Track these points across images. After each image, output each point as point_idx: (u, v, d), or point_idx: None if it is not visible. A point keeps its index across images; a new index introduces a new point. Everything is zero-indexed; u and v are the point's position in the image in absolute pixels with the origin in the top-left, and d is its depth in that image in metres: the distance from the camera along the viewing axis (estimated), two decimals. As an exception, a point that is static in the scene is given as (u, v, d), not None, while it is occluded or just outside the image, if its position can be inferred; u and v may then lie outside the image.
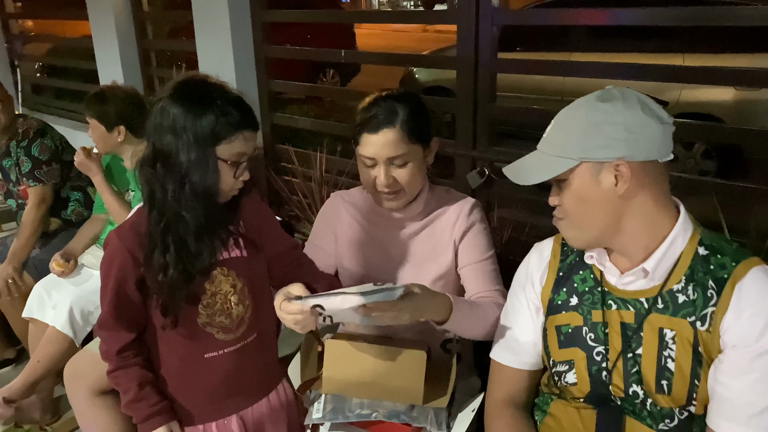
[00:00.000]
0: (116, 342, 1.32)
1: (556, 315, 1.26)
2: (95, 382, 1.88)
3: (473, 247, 1.56)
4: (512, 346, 1.33)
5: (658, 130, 1.08)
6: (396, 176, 1.49)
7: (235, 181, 1.28)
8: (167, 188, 1.23)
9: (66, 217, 2.72)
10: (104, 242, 1.32)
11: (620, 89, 1.13)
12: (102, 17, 3.94)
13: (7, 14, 5.38)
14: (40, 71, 6.41)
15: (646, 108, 1.08)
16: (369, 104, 1.50)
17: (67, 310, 2.21)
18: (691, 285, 1.11)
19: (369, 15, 5.62)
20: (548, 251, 1.31)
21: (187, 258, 1.26)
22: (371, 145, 1.47)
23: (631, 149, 1.07)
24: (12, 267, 2.46)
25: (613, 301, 1.18)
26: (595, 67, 2.23)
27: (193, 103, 1.21)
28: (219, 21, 3.06)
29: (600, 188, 1.10)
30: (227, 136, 1.23)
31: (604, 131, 1.08)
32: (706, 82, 3.58)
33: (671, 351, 1.12)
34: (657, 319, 1.13)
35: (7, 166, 2.66)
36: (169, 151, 1.22)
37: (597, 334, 1.20)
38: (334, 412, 1.42)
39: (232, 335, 1.38)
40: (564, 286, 1.26)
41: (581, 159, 1.10)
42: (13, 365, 2.77)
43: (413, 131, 1.47)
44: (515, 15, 2.43)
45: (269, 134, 3.24)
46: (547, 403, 1.32)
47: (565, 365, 1.24)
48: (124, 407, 1.35)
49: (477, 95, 2.31)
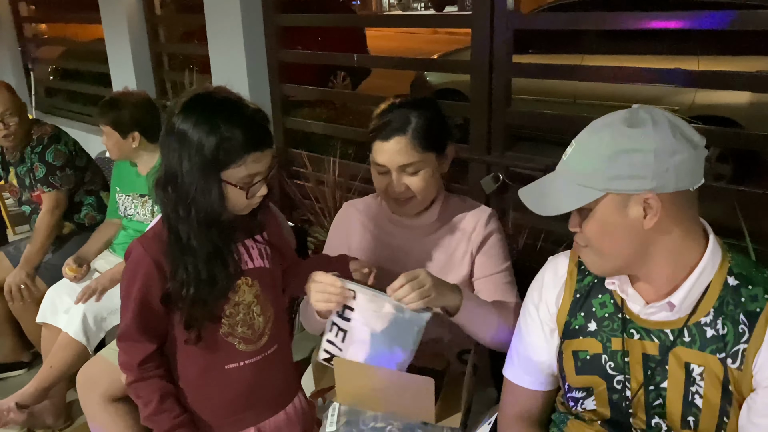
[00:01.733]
0: (138, 353, 1.29)
1: (573, 340, 1.19)
2: (108, 388, 1.88)
3: (489, 259, 1.54)
4: (526, 366, 1.28)
5: (691, 158, 0.99)
6: (408, 184, 1.47)
7: (249, 201, 1.24)
8: (178, 212, 1.21)
9: (79, 221, 2.73)
10: (126, 251, 1.29)
11: (649, 110, 1.03)
12: (115, 21, 3.96)
13: (21, 18, 5.42)
14: (53, 74, 6.46)
15: (677, 133, 0.99)
16: (383, 111, 1.48)
17: (80, 317, 2.21)
18: (720, 318, 1.04)
19: (383, 19, 5.62)
20: (563, 270, 1.23)
21: (201, 282, 1.24)
22: (383, 152, 1.46)
23: (661, 180, 0.98)
24: (25, 272, 2.46)
25: (635, 330, 1.12)
26: (610, 71, 2.21)
27: (197, 126, 1.16)
28: (231, 25, 3.06)
29: (626, 220, 1.02)
30: (234, 161, 1.18)
31: (631, 160, 0.98)
32: (722, 87, 3.54)
33: (699, 387, 1.06)
34: (683, 352, 1.08)
35: (21, 173, 2.67)
36: (175, 173, 1.19)
37: (617, 362, 1.14)
38: (348, 425, 1.40)
39: (252, 346, 1.36)
40: (581, 310, 1.19)
41: (606, 190, 1.01)
42: (27, 369, 2.77)
43: (426, 139, 1.44)
44: (530, 19, 2.41)
45: (281, 138, 3.24)
46: (564, 422, 1.28)
47: (582, 392, 1.20)
48: (144, 419, 1.32)
49: (492, 100, 2.29)
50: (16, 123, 2.54)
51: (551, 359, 1.24)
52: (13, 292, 2.44)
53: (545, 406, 1.31)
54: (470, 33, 2.31)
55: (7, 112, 2.50)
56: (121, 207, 2.47)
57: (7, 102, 2.51)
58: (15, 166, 2.70)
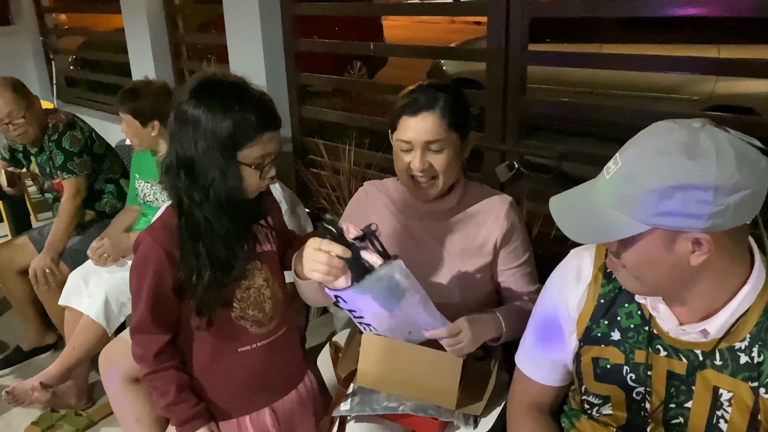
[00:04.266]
0: (153, 345, 1.30)
1: (594, 346, 1.14)
2: (129, 369, 1.93)
3: (513, 251, 1.56)
4: (539, 362, 1.26)
5: (754, 194, 0.87)
6: (432, 161, 1.48)
7: (261, 181, 1.26)
8: (193, 196, 1.22)
9: (100, 209, 2.78)
10: (135, 243, 1.30)
11: (713, 135, 0.88)
12: (134, 11, 4.00)
13: (43, 8, 5.49)
14: (74, 64, 6.53)
15: (744, 165, 0.86)
16: (410, 91, 1.51)
17: (102, 300, 2.26)
18: (757, 345, 0.98)
19: (399, 8, 5.60)
20: (588, 272, 1.15)
21: (219, 265, 1.25)
22: (410, 129, 1.46)
23: (717, 220, 0.87)
24: (50, 257, 2.52)
25: (662, 347, 1.07)
26: (628, 59, 2.19)
27: (210, 110, 1.18)
28: (249, 14, 3.08)
29: (671, 255, 0.92)
30: (248, 141, 1.20)
31: (687, 196, 0.86)
32: (743, 75, 3.49)
33: (726, 412, 1.02)
34: (713, 376, 1.02)
35: (41, 162, 2.72)
36: (191, 158, 1.20)
37: (639, 375, 1.10)
38: (361, 404, 1.42)
39: (264, 329, 1.39)
40: (605, 318, 1.12)
41: (654, 225, 0.90)
42: (52, 351, 2.85)
43: (453, 119, 1.46)
44: (547, 7, 2.39)
45: (298, 127, 3.26)
46: (577, 417, 1.25)
47: (599, 399, 1.17)
48: (162, 410, 1.33)
49: (507, 88, 2.29)
50: (24, 122, 2.55)
51: (567, 359, 1.20)
52: (38, 275, 2.50)
53: (557, 398, 1.29)
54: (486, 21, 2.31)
55: (12, 113, 2.51)
56: (141, 194, 2.52)
57: (10, 103, 2.50)
58: (36, 156, 2.76)
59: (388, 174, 1.60)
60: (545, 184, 2.27)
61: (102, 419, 2.41)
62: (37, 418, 2.37)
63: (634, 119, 2.11)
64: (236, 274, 1.29)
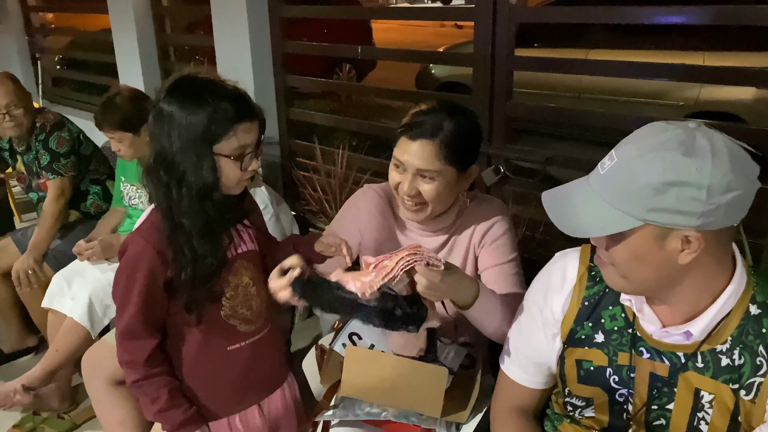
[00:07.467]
0: (143, 350, 1.29)
1: (578, 348, 1.15)
2: (112, 372, 1.91)
3: (496, 250, 1.53)
4: (523, 364, 1.26)
5: (744, 194, 0.89)
6: (421, 189, 1.44)
7: (243, 173, 1.26)
8: (171, 193, 1.22)
9: (85, 209, 2.76)
10: (122, 246, 1.30)
11: (709, 135, 0.91)
12: (121, 11, 3.98)
13: (29, 7, 5.45)
14: (60, 64, 6.48)
15: (737, 166, 0.88)
16: (420, 110, 1.45)
17: (86, 302, 2.24)
18: (738, 348, 0.99)
19: (388, 12, 5.62)
20: (573, 274, 1.16)
21: (203, 259, 1.26)
22: (405, 151, 1.42)
23: (708, 218, 0.89)
24: (33, 258, 2.50)
25: (645, 350, 1.08)
26: (613, 66, 2.21)
27: (185, 105, 1.19)
28: (237, 16, 3.08)
29: (661, 252, 0.94)
30: (225, 133, 1.20)
31: (681, 194, 0.88)
32: (728, 83, 3.54)
33: (707, 414, 1.03)
34: (694, 377, 1.04)
35: (28, 161, 2.70)
36: (168, 154, 1.21)
37: (622, 377, 1.11)
38: (344, 409, 1.42)
39: (252, 326, 1.40)
40: (589, 320, 1.13)
41: (647, 221, 0.92)
42: (34, 354, 2.82)
43: (451, 152, 1.40)
44: (533, 13, 2.41)
45: (285, 129, 3.26)
46: (560, 420, 1.26)
47: (582, 401, 1.18)
48: (153, 416, 1.32)
49: (493, 93, 2.30)
50: (22, 113, 2.55)
51: (551, 361, 1.21)
52: (20, 277, 2.48)
53: (540, 401, 1.30)
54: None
55: (11, 104, 2.51)
56: (126, 196, 2.50)
57: (11, 93, 2.51)
58: (22, 155, 2.73)
59: (381, 179, 1.58)
60: (531, 188, 2.29)
61: (85, 422, 2.39)
62: (19, 420, 2.34)
63: (620, 124, 2.14)
64: (212, 264, 1.28)
